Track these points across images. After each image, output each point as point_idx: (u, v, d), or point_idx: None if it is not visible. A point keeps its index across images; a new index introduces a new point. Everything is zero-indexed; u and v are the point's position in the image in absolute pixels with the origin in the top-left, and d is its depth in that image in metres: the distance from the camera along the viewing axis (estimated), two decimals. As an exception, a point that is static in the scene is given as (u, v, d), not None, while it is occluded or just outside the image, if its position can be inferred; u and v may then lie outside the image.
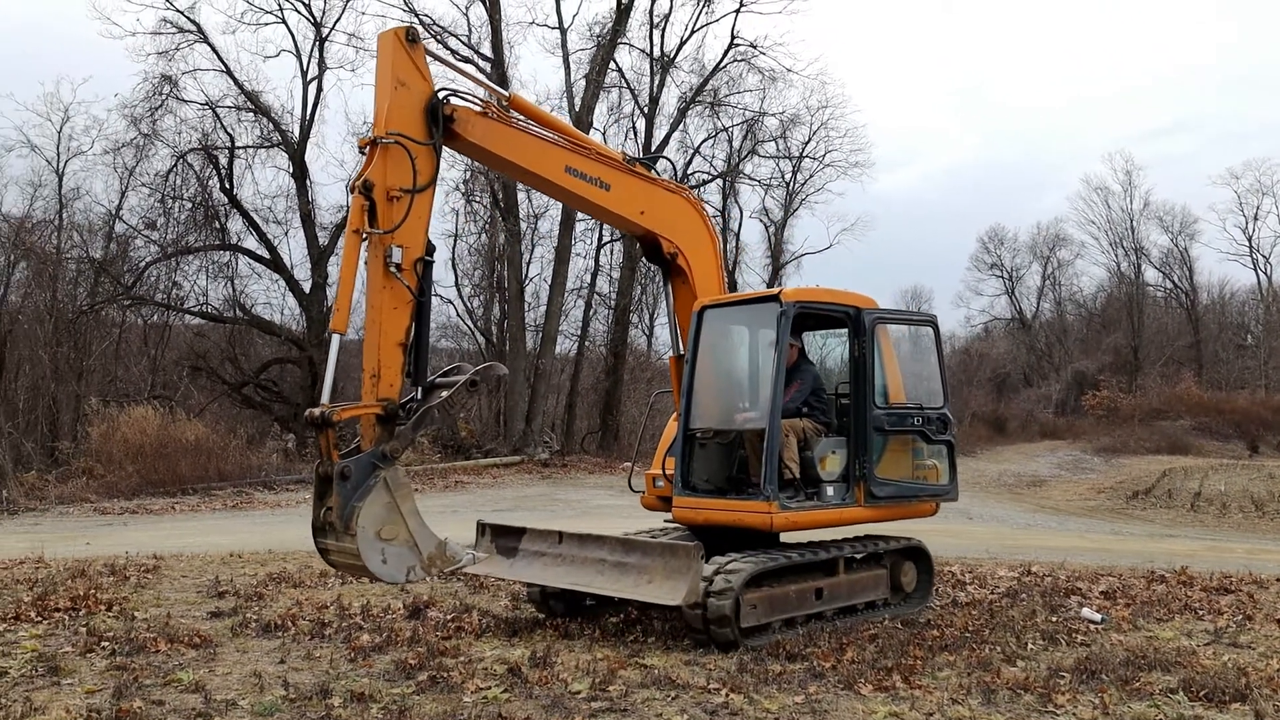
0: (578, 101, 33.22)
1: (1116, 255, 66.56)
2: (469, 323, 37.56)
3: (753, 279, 47.23)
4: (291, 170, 32.21)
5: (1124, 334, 62.67)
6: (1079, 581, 10.75)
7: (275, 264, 32.31)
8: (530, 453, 30.48)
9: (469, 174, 35.12)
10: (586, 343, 38.19)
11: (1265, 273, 67.52)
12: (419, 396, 6.89)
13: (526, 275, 35.27)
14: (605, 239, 37.73)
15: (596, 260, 37.74)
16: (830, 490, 8.11)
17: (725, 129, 39.55)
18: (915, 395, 8.80)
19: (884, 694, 6.07)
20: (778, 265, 45.49)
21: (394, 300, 6.75)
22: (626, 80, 36.68)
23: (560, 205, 32.84)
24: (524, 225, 34.63)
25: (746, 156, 41.16)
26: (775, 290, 8.12)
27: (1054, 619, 8.49)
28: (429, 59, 7.15)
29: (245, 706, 5.67)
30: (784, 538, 8.26)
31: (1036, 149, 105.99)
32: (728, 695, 5.94)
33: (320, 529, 6.53)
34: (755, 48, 35.70)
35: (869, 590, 8.51)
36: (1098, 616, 8.63)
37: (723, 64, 36.41)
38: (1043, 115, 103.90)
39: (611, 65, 34.51)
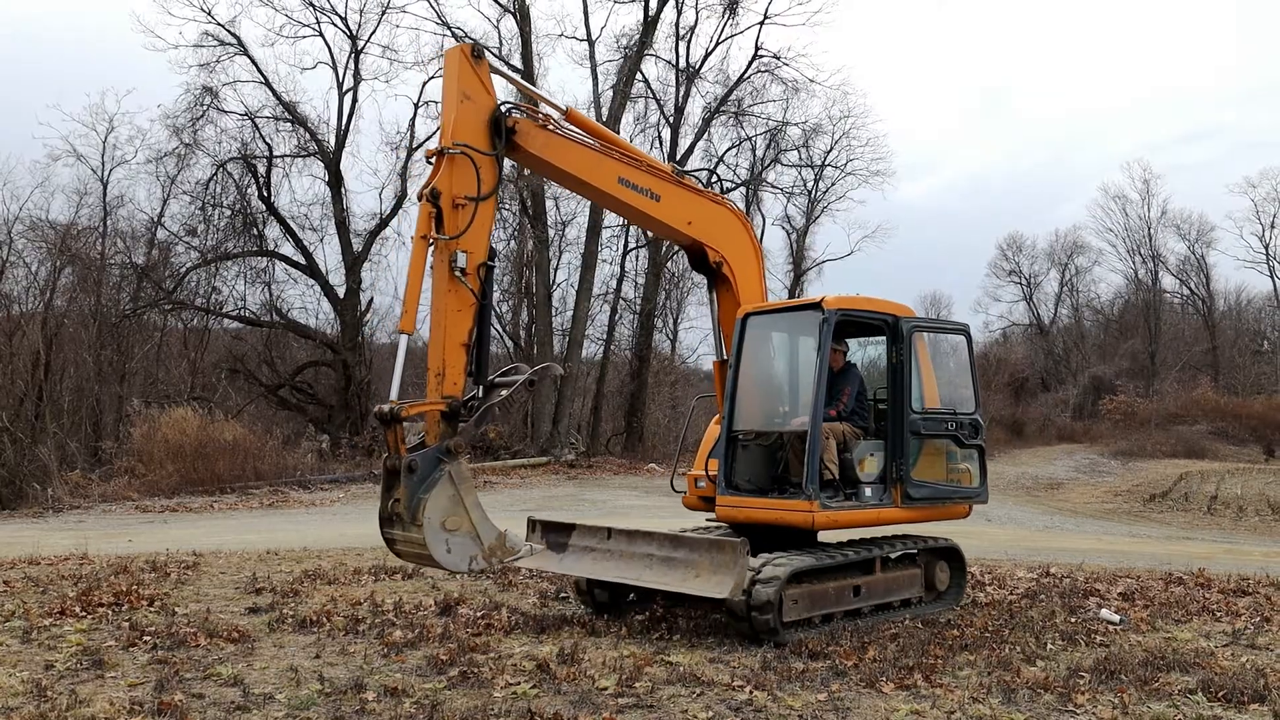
0: (605, 112, 33.26)
1: (1134, 262, 65.96)
2: (497, 327, 37.62)
3: (774, 285, 47.08)
4: (327, 179, 32.48)
5: (1141, 340, 62.06)
6: (1097, 583, 10.65)
7: (310, 270, 32.55)
8: (557, 454, 30.51)
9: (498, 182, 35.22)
10: (612, 347, 38.21)
11: (1281, 279, 66.72)
12: (480, 394, 7.03)
13: (554, 281, 35.36)
14: (631, 246, 37.75)
15: (622, 266, 37.79)
16: (869, 491, 8.22)
17: (749, 138, 39.53)
18: (949, 401, 8.90)
19: (905, 692, 6.03)
20: (799, 271, 45.40)
21: (458, 303, 6.92)
22: (652, 90, 36.74)
23: (587, 212, 32.94)
24: (551, 232, 34.72)
25: (769, 165, 41.12)
26: (818, 299, 8.19)
27: (1073, 620, 8.42)
28: (492, 74, 7.36)
29: (282, 700, 5.70)
30: (821, 537, 8.36)
31: (1056, 158, 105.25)
32: (751, 692, 5.92)
33: (387, 520, 6.70)
34: (779, 59, 35.71)
35: (904, 589, 8.61)
36: (1116, 617, 8.54)
37: (747, 75, 36.44)
38: (1062, 125, 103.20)
39: (638, 76, 34.57)
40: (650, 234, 30.41)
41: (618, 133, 33.39)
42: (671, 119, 35.96)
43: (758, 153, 40.64)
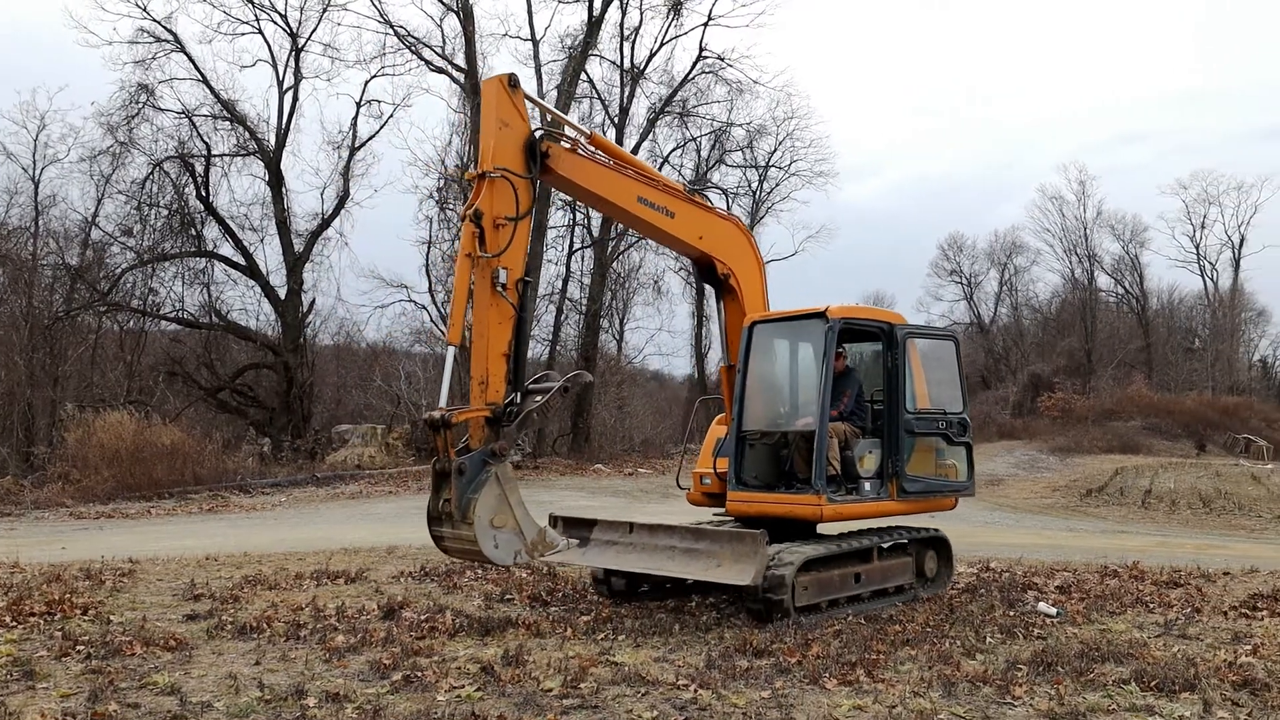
0: (549, 112, 33.15)
1: (1070, 262, 67.25)
2: (442, 328, 37.33)
3: (720, 285, 47.29)
4: (267, 178, 31.98)
5: (1078, 338, 63.32)
6: (1035, 577, 10.85)
7: (251, 270, 32.05)
8: (503, 456, 30.30)
9: (442, 182, 34.99)
10: (558, 348, 38.10)
11: (1212, 279, 68.56)
12: (517, 400, 7.50)
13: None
14: (576, 246, 37.71)
15: (568, 267, 37.71)
16: (868, 486, 8.89)
17: (694, 139, 39.71)
18: (939, 401, 9.54)
19: (848, 688, 6.09)
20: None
21: (499, 316, 7.44)
22: (597, 91, 36.73)
23: (533, 213, 32.79)
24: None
25: (714, 166, 41.33)
26: (822, 308, 8.75)
27: (1011, 613, 8.57)
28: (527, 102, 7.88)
29: (221, 708, 5.61)
30: (819, 529, 8.99)
31: (997, 160, 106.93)
32: (696, 691, 5.94)
33: (436, 518, 7.26)
34: (723, 60, 35.87)
35: (898, 575, 9.28)
36: (1053, 610, 8.71)
37: (691, 75, 36.56)
38: (1004, 127, 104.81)
39: (583, 76, 34.52)
40: (658, 245, 30.71)
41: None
42: (616, 119, 35.97)
43: (702, 153, 40.88)
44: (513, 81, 7.77)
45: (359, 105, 33.08)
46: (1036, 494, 27.00)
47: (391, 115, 37.96)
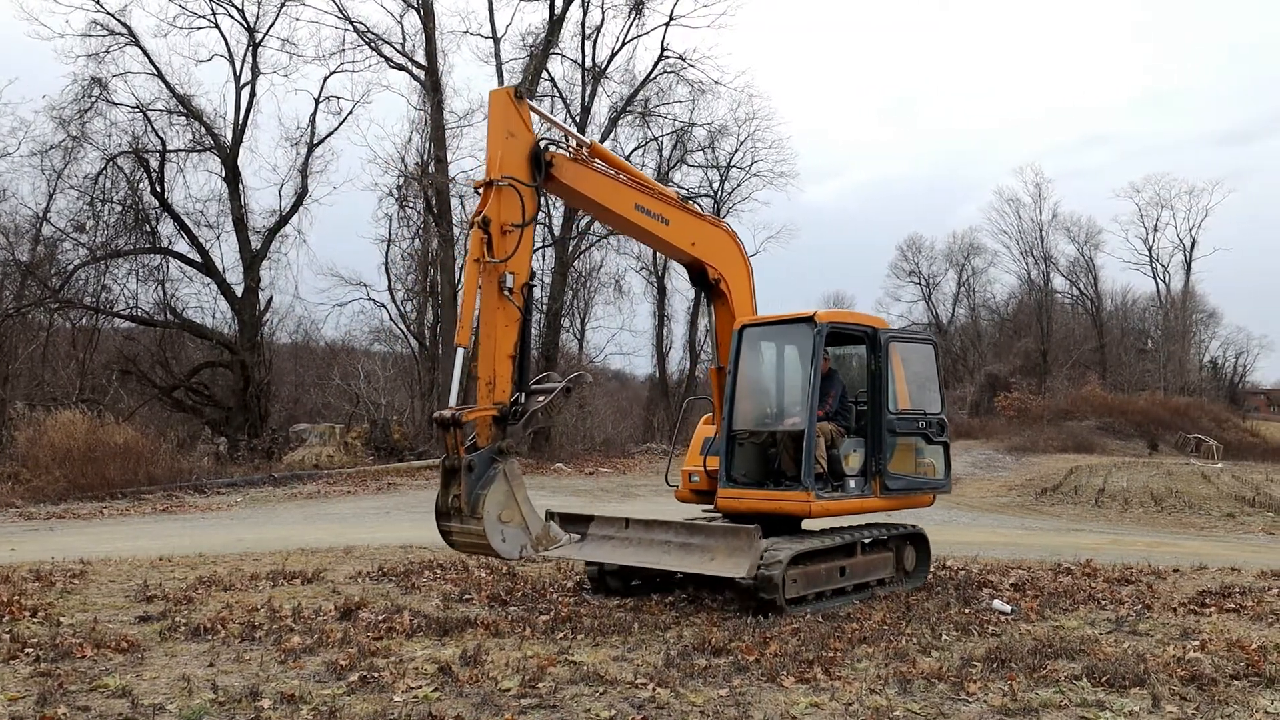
0: (510, 110, 33.03)
1: (1026, 264, 68.20)
2: (401, 327, 37.14)
3: (681, 284, 47.43)
4: (224, 174, 31.60)
5: (1034, 338, 64.20)
6: (991, 575, 10.99)
7: (207, 268, 31.63)
8: (463, 455, 30.17)
9: (402, 179, 34.77)
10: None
11: (1164, 281, 69.81)
12: (522, 400, 7.73)
13: (460, 280, 34.97)
14: (537, 245, 37.50)
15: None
16: (853, 483, 9.24)
17: (655, 138, 39.81)
18: (918, 403, 9.90)
19: (805, 685, 6.13)
20: (706, 271, 45.68)
21: (506, 319, 7.70)
22: (559, 90, 36.67)
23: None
24: (457, 231, 34.36)
25: (676, 165, 41.44)
26: (810, 313, 9.10)
27: (967, 611, 8.67)
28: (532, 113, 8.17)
29: (173, 710, 5.53)
30: (804, 525, 9.27)
31: (956, 163, 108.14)
32: (654, 690, 5.95)
33: (444, 513, 7.50)
34: (684, 60, 36.00)
35: (880, 569, 9.62)
36: (1007, 608, 8.82)
37: (653, 75, 36.65)
38: (964, 132, 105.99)
39: (544, 75, 34.48)
40: (658, 253, 30.79)
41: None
42: (578, 118, 35.91)
43: (664, 153, 40.98)
44: (519, 93, 8.04)
45: (318, 101, 32.81)
46: (993, 493, 27.31)
47: (351, 112, 37.62)
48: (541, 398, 7.90)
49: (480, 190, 7.84)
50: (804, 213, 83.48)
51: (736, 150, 42.65)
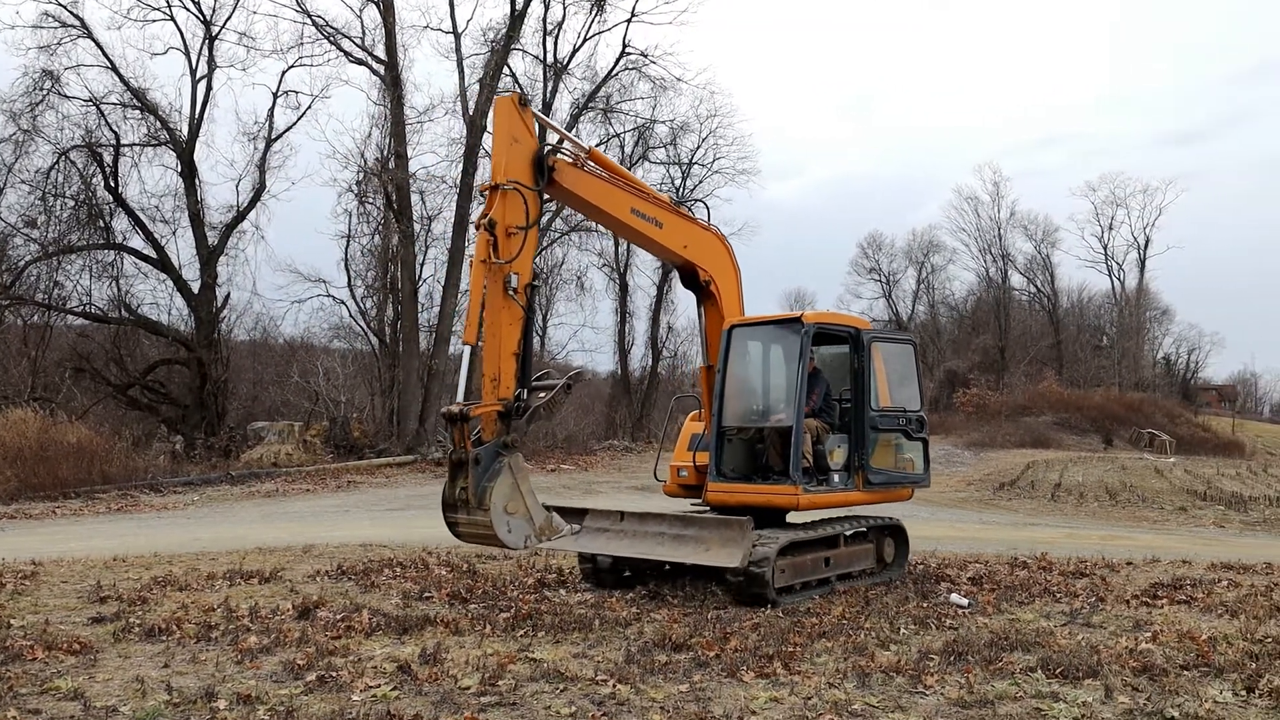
0: (471, 105, 32.89)
1: (985, 261, 69.00)
2: (361, 323, 36.78)
3: (643, 280, 47.48)
4: (179, 169, 31.11)
5: (992, 335, 64.96)
6: (948, 569, 11.11)
7: (162, 264, 31.14)
8: (423, 452, 30.03)
9: (361, 175, 34.47)
10: (479, 343, 37.77)
11: (1119, 279, 70.89)
12: (524, 396, 7.99)
13: (420, 276, 34.73)
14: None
15: (490, 261, 37.34)
16: (837, 478, 9.59)
17: (617, 135, 39.71)
18: (899, 400, 10.30)
19: (765, 680, 6.16)
20: (667, 269, 45.71)
21: (510, 318, 8.00)
22: (520, 85, 36.46)
23: (453, 207, 32.63)
24: (417, 227, 34.14)
25: (638, 162, 41.33)
26: (798, 314, 9.56)
27: (925, 604, 8.76)
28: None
29: (126, 712, 5.46)
30: (789, 518, 9.64)
31: (918, 162, 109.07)
32: (615, 686, 5.96)
33: (451, 505, 7.75)
34: (646, 56, 36.00)
35: (861, 560, 10.02)
36: (965, 601, 8.93)
37: (614, 72, 36.61)
38: (924, 130, 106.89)
39: (505, 71, 34.28)
40: (651, 254, 30.87)
41: (485, 128, 33.23)
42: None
43: (626, 150, 40.86)
44: (523, 100, 8.37)
45: (276, 96, 32.39)
46: (952, 488, 27.58)
47: (309, 107, 36.96)
48: (543, 394, 8.16)
49: (486, 194, 8.16)
50: (766, 210, 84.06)
51: (698, 147, 42.67)
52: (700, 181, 43.75)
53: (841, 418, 9.99)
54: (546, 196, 9.15)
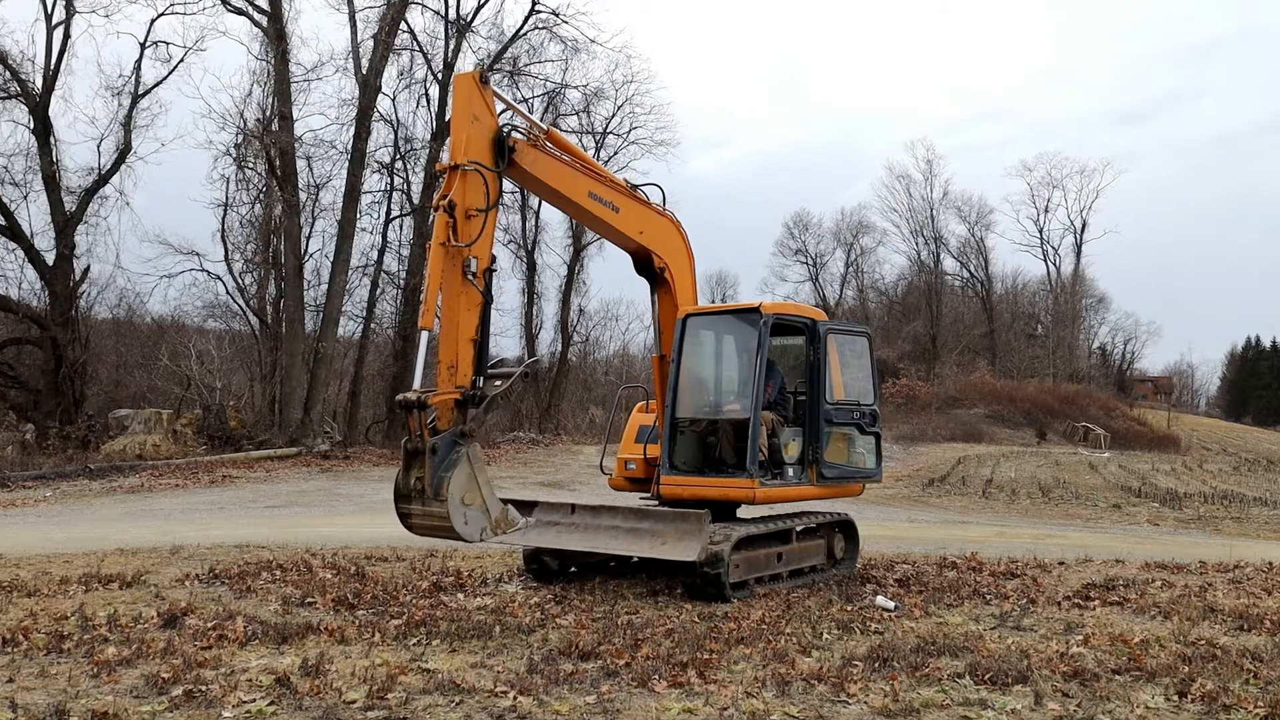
0: (365, 64, 32.38)
1: (916, 243, 70.40)
2: (240, 301, 36.00)
3: (553, 259, 47.35)
4: (32, 126, 30.06)
5: (923, 322, 66.32)
6: (875, 569, 11.32)
7: (12, 231, 30.06)
8: (309, 444, 29.58)
9: (241, 137, 33.68)
10: (373, 325, 37.33)
11: (1054, 264, 72.93)
12: (480, 384, 8.21)
13: (306, 251, 34.09)
14: (394, 214, 36.91)
15: (384, 236, 36.93)
16: (791, 471, 9.94)
17: (525, 100, 39.37)
18: (853, 394, 10.63)
19: (679, 690, 6.19)
20: (579, 245, 45.66)
21: (468, 303, 8.22)
22: (419, 43, 36.07)
23: (344, 175, 32.10)
24: (303, 196, 33.48)
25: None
26: (756, 304, 9.94)
27: (849, 608, 8.90)
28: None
29: (-37, 733, 5.26)
30: (740, 512, 9.98)
31: (849, 139, 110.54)
32: (515, 698, 5.92)
33: (405, 495, 7.90)
34: (557, 15, 35.84)
35: (813, 556, 10.42)
36: (891, 604, 9.10)
37: (523, 31, 36.39)
38: (857, 107, 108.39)
39: (403, 26, 33.80)
40: (605, 239, 30.73)
41: (379, 89, 32.75)
42: (440, 75, 35.36)
43: (535, 116, 40.58)
44: (484, 78, 8.56)
45: (143, 47, 31.52)
46: (880, 484, 28.11)
47: (182, 60, 35.85)
48: (499, 382, 8.39)
49: (444, 174, 8.35)
50: (688, 186, 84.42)
51: (613, 115, 42.67)
52: (615, 153, 43.74)
53: (796, 411, 10.33)
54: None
